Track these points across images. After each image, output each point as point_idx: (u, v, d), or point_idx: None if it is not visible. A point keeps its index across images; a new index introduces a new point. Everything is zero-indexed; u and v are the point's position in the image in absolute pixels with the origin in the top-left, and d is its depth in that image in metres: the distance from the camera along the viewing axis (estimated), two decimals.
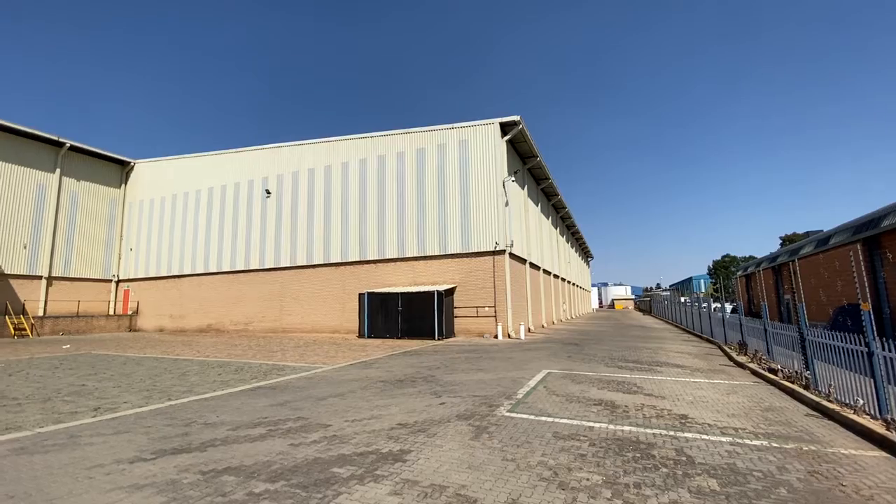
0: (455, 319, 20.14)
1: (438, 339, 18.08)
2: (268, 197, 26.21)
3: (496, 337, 18.84)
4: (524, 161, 25.79)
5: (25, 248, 25.91)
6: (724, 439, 5.10)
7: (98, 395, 7.72)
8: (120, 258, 30.90)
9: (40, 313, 25.97)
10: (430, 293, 18.75)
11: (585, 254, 67.70)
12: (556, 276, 34.91)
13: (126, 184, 31.72)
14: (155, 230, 30.06)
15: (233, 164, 27.97)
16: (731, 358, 12.26)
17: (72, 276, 28.12)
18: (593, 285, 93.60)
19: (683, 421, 5.86)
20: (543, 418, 5.93)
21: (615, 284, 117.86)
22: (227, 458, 4.40)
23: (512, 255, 20.76)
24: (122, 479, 3.88)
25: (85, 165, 29.29)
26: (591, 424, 5.66)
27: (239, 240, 26.71)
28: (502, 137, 21.12)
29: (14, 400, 7.34)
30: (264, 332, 24.64)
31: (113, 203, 30.89)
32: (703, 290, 74.05)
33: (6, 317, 23.73)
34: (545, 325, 28.47)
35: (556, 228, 37.94)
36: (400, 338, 18.85)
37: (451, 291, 20.08)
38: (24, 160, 26.03)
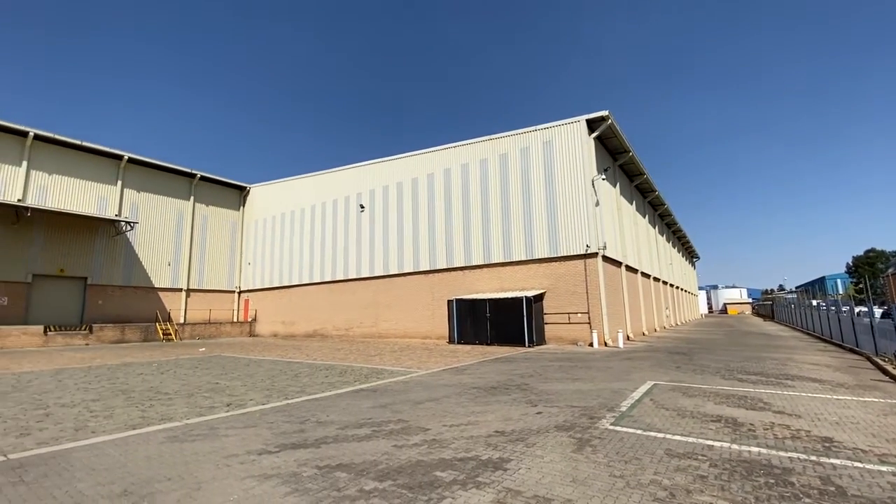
0: (546, 326, 19.59)
1: (529, 346, 17.71)
2: (362, 211, 27.98)
3: (591, 345, 17.94)
4: (615, 157, 24.42)
5: (169, 265, 30.62)
6: (884, 468, 4.27)
7: (229, 392, 8.79)
8: (240, 271, 35.10)
9: (181, 320, 30.43)
10: (519, 299, 18.47)
11: (690, 254, 61.87)
12: (656, 280, 32.35)
13: (244, 206, 36.05)
14: (268, 246, 33.68)
15: (330, 183, 30.38)
16: (885, 372, 10.29)
17: (204, 288, 32.58)
18: (701, 288, 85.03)
19: (828, 445, 5.02)
20: (653, 433, 5.48)
21: (727, 287, 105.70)
22: (338, 455, 4.72)
23: (605, 258, 19.69)
24: (253, 469, 4.35)
25: (211, 192, 33.90)
26: (710, 443, 5.10)
27: (338, 251, 28.83)
28: (589, 135, 20.23)
29: (166, 395, 8.64)
30: (362, 337, 26.19)
31: (234, 223, 35.28)
32: (840, 291, 63.31)
33: (157, 323, 28.19)
34: (646, 332, 26.47)
35: (655, 227, 35.22)
36: (489, 344, 18.82)
37: (540, 297, 19.58)
38: (167, 191, 30.90)
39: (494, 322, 19.02)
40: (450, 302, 20.99)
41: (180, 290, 30.97)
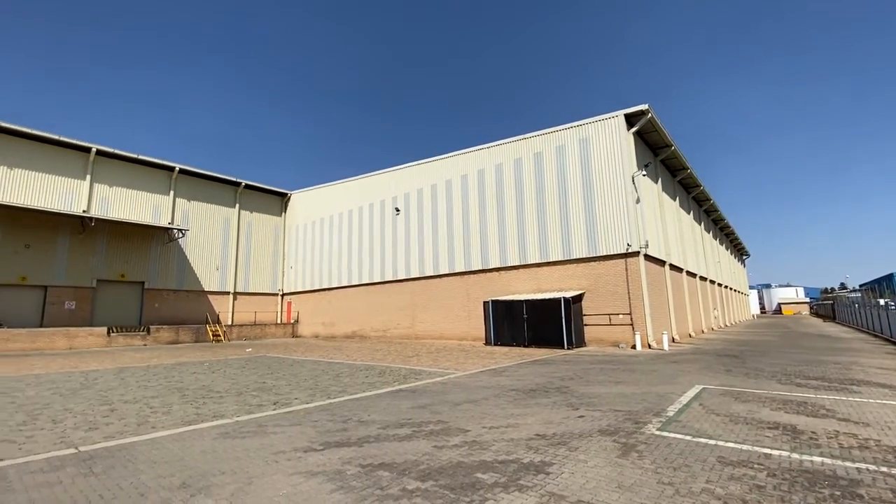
0: (585, 328, 19.13)
1: (568, 349, 17.35)
2: (397, 214, 28.38)
3: (634, 347, 17.37)
4: (655, 152, 23.57)
5: (217, 269, 32.19)
6: None
7: (275, 391, 9.14)
8: (283, 275, 36.41)
9: (229, 322, 31.91)
10: (557, 300, 18.14)
11: (739, 252, 58.80)
12: (702, 279, 30.92)
13: (285, 212, 37.38)
14: (308, 250, 34.77)
15: (366, 187, 31.01)
16: None
17: (249, 291, 34.03)
18: (752, 287, 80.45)
19: None
20: (703, 440, 5.23)
21: (781, 286, 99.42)
22: (380, 455, 4.81)
23: (647, 257, 19.02)
24: (300, 466, 4.50)
25: (255, 199, 35.39)
26: (767, 451, 4.81)
27: (375, 254, 29.37)
28: (628, 130, 19.65)
29: (217, 393, 9.09)
30: (400, 338, 26.53)
31: (276, 228, 36.66)
32: None
33: (207, 325, 29.69)
34: (692, 334, 25.34)
35: (700, 224, 33.69)
36: (527, 346, 18.58)
37: (578, 298, 19.15)
38: (215, 199, 32.52)
39: (532, 323, 18.77)
40: (486, 303, 20.90)
41: (228, 293, 32.48)
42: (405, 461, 4.58)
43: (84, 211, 25.45)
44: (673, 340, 20.84)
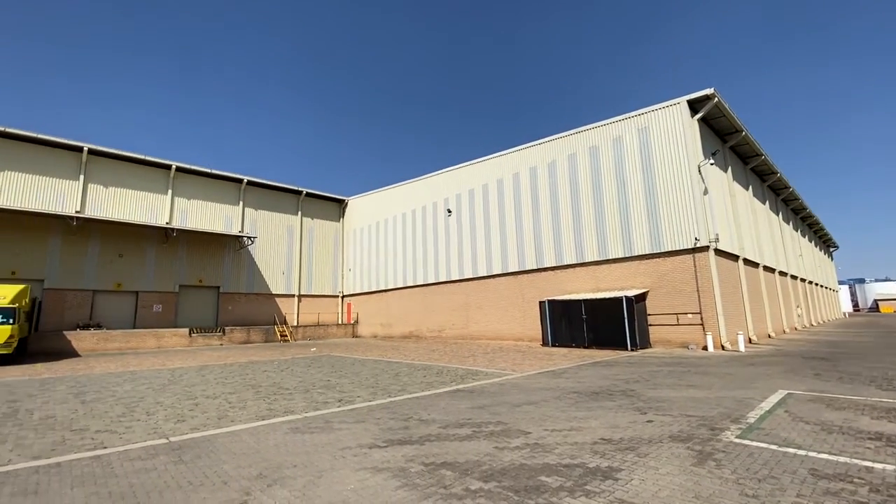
0: (650, 328, 18.18)
1: (632, 350, 16.57)
2: (449, 215, 28.58)
3: (705, 348, 16.26)
4: (724, 139, 21.96)
5: (283, 274, 34.13)
6: None
7: (339, 389, 9.51)
8: (343, 277, 37.89)
9: (295, 323, 33.70)
10: (618, 299, 17.39)
11: (826, 244, 53.29)
12: (782, 274, 28.34)
13: (343, 217, 38.90)
14: (365, 253, 35.93)
15: (418, 190, 31.52)
16: None
17: (313, 293, 35.75)
18: (841, 283, 72.56)
19: None
20: (791, 450, 4.78)
21: (878, 280, 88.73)
22: (442, 454, 4.85)
23: (718, 252, 17.75)
24: (365, 462, 4.65)
25: (315, 206, 37.14)
26: (868, 464, 4.30)
27: (429, 256, 29.76)
28: (692, 116, 18.46)
29: (286, 390, 9.61)
30: (454, 339, 26.67)
31: (336, 233, 38.24)
32: None
33: (275, 326, 31.55)
34: (772, 334, 23.29)
35: (778, 215, 30.91)
36: (587, 347, 17.97)
37: (642, 297, 18.24)
38: (279, 208, 34.53)
39: (591, 324, 18.12)
40: (542, 303, 20.47)
41: (293, 295, 34.34)
42: (467, 461, 4.59)
43: (167, 223, 28.02)
44: (749, 341, 19.27)
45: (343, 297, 37.58)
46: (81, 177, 25.44)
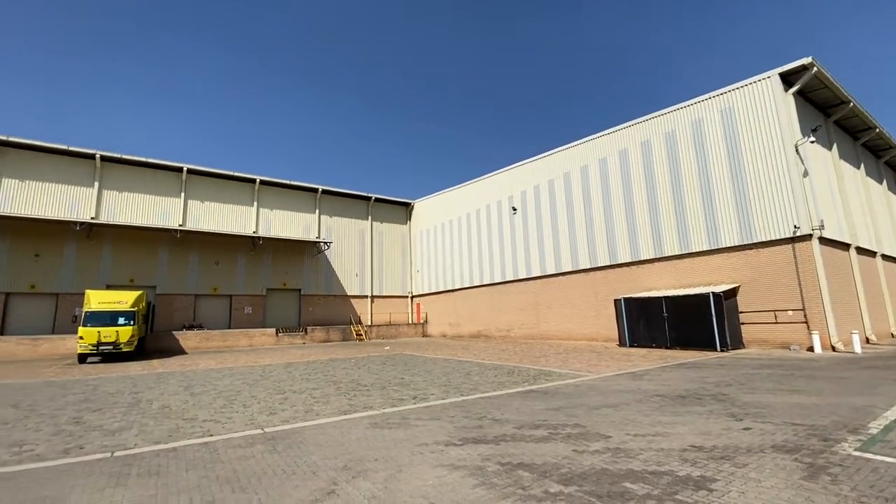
0: (742, 327, 16.60)
1: (722, 351, 15.23)
2: (514, 213, 28.22)
3: (811, 349, 14.52)
4: (826, 113, 19.47)
5: (357, 276, 35.81)
6: None
7: (413, 386, 9.77)
8: (411, 278, 38.92)
9: (368, 323, 35.21)
10: (704, 296, 16.07)
11: None
12: None
13: (410, 220, 39.96)
14: (432, 254, 36.61)
15: (483, 189, 31.48)
16: None
17: (384, 294, 37.12)
18: None
19: None
20: None
21: None
22: (518, 454, 4.79)
23: (823, 240, 15.79)
24: (442, 458, 4.72)
25: (384, 210, 38.54)
26: None
27: (495, 255, 29.61)
28: (786, 90, 16.60)
29: (364, 386, 10.06)
30: (524, 339, 26.26)
31: (403, 236, 39.39)
32: None
33: (351, 326, 33.20)
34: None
35: None
36: (669, 347, 16.82)
37: (732, 292, 16.71)
38: (351, 213, 36.32)
39: (674, 323, 16.93)
40: (617, 301, 19.48)
41: (366, 296, 35.92)
42: (545, 463, 4.49)
43: (254, 232, 30.62)
44: (867, 341, 16.90)
45: (412, 297, 38.57)
46: (182, 194, 28.62)
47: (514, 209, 28.24)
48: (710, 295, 15.84)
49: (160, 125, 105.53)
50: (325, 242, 32.81)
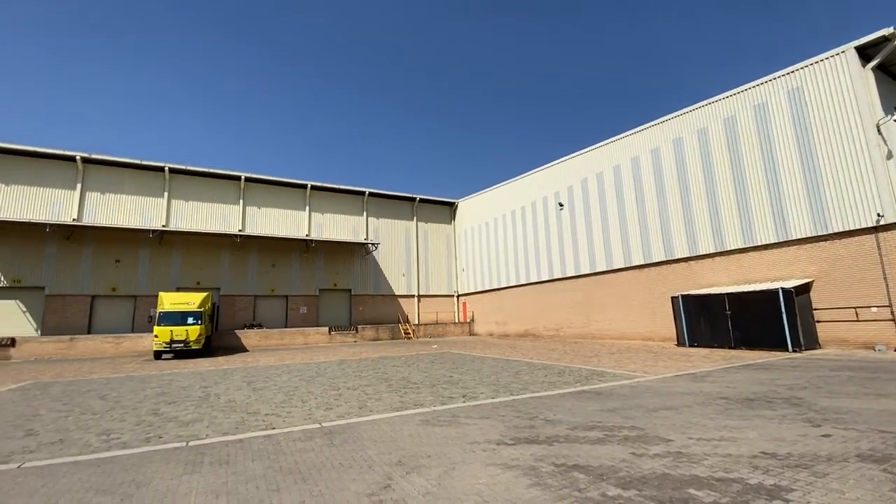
0: (817, 325, 15.28)
1: (794, 351, 14.10)
2: (561, 209, 27.57)
3: None
4: None
5: (404, 276, 36.45)
6: None
7: (462, 385, 9.81)
8: (457, 277, 39.07)
9: (415, 322, 35.73)
10: (772, 292, 14.94)
11: None
12: None
13: (454, 219, 40.11)
14: (477, 253, 36.54)
15: (527, 186, 31.01)
16: None
17: (430, 293, 37.53)
18: None
19: None
20: None
21: None
22: (572, 455, 4.68)
23: None
24: (494, 457, 4.71)
25: (428, 211, 38.95)
26: None
27: (541, 252, 29.08)
28: (864, 66, 15.08)
29: (414, 384, 10.22)
30: (574, 338, 25.61)
31: (448, 235, 39.62)
32: None
33: (399, 324, 33.84)
34: None
35: None
36: (732, 347, 15.78)
37: (804, 288, 15.44)
38: (396, 215, 37.01)
39: (738, 321, 15.87)
40: (674, 299, 18.53)
41: (413, 296, 36.48)
42: (601, 465, 4.36)
43: (307, 235, 31.96)
44: None
45: (458, 296, 38.71)
46: (241, 201, 30.40)
47: (561, 205, 27.60)
48: (780, 291, 14.69)
49: (223, 138, 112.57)
50: (373, 244, 33.64)
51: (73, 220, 25.40)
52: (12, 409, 8.46)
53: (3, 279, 23.96)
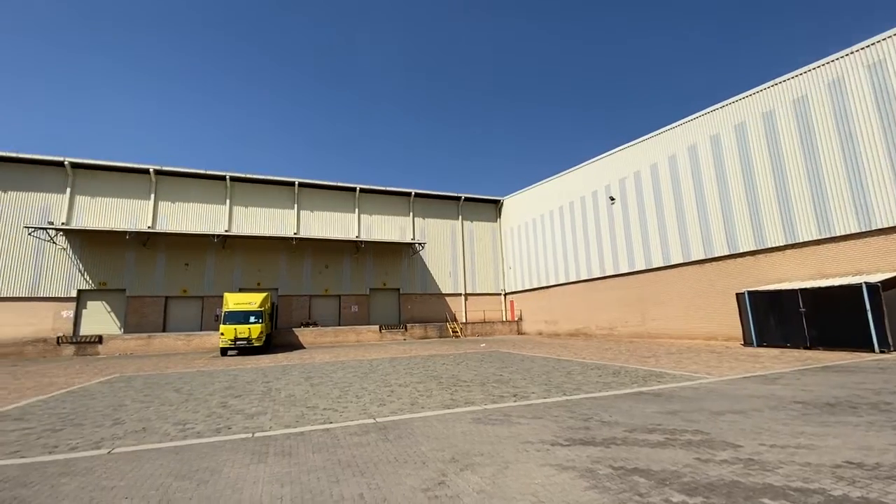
0: None
1: (881, 352, 12.76)
2: (612, 203, 26.58)
3: None
4: None
5: (450, 275, 36.65)
6: None
7: (512, 384, 9.72)
8: (503, 275, 38.75)
9: (462, 320, 35.82)
10: (855, 287, 13.60)
11: None
12: None
13: (499, 217, 39.80)
14: (524, 250, 36.04)
15: (575, 180, 30.16)
16: None
17: (477, 292, 37.49)
18: None
19: None
20: None
21: None
22: (631, 459, 4.51)
23: None
24: (549, 458, 4.63)
25: (473, 209, 38.90)
26: None
27: (592, 248, 28.20)
28: None
29: (465, 382, 10.25)
30: (629, 337, 24.62)
31: (493, 233, 39.38)
32: None
33: (446, 323, 34.08)
34: None
35: None
36: (808, 347, 14.53)
37: (893, 282, 13.91)
38: (442, 214, 37.28)
39: (813, 319, 14.58)
40: (740, 295, 17.33)
41: (460, 294, 36.61)
42: (663, 470, 4.17)
43: (357, 237, 32.96)
44: None
45: (505, 294, 38.38)
46: (296, 206, 31.88)
47: (612, 199, 26.62)
48: (863, 285, 13.33)
49: (280, 145, 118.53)
50: (420, 243, 34.11)
51: (149, 227, 27.75)
52: (102, 400, 9.38)
53: (91, 282, 26.60)
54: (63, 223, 26.11)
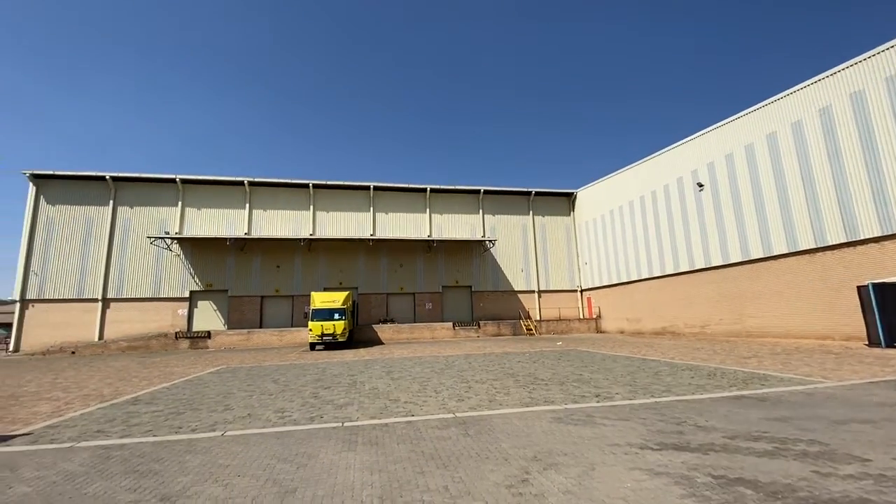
0: None
1: None
2: (700, 190, 24.47)
3: None
4: None
5: (522, 271, 36.11)
6: None
7: (594, 384, 9.36)
8: (579, 271, 37.33)
9: (537, 318, 35.11)
10: None
11: None
12: None
13: (573, 211, 38.38)
14: (601, 244, 34.42)
15: (655, 168, 28.17)
16: None
17: (551, 288, 36.53)
18: None
19: None
20: None
21: None
22: (734, 468, 4.13)
23: None
24: (638, 462, 4.40)
25: (544, 204, 37.92)
26: None
27: (678, 240, 26.19)
28: None
29: (542, 381, 10.06)
30: (724, 336, 22.53)
31: (567, 228, 38.09)
32: None
33: (520, 320, 33.63)
34: None
35: None
36: None
37: None
38: (512, 210, 36.83)
39: None
40: (862, 288, 15.09)
41: (533, 291, 35.94)
42: (773, 482, 3.77)
43: (428, 236, 33.72)
44: None
45: (581, 291, 36.98)
46: (371, 209, 33.39)
47: (701, 185, 24.50)
48: None
49: (354, 151, 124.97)
50: (490, 240, 34.03)
51: (245, 233, 30.70)
52: (213, 388, 10.57)
53: (200, 284, 30.05)
54: (177, 232, 29.80)
